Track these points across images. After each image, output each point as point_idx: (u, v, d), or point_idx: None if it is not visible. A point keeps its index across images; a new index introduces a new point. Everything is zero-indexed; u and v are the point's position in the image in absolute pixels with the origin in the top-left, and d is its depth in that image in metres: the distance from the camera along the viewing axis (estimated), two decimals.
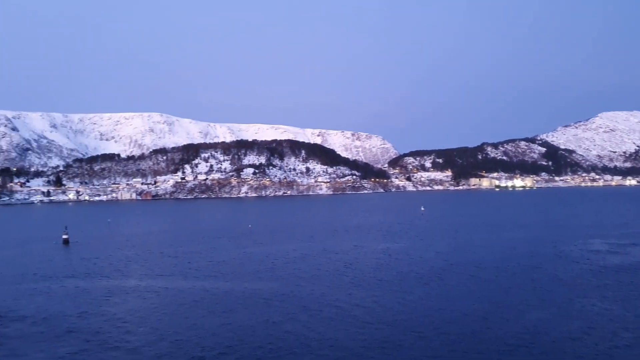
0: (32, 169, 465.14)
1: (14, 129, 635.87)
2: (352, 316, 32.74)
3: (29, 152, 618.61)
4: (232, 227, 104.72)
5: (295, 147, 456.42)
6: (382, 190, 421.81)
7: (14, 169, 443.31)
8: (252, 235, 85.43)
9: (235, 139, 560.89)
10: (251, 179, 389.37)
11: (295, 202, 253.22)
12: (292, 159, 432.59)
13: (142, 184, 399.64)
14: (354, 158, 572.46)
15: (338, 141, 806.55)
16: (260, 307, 35.35)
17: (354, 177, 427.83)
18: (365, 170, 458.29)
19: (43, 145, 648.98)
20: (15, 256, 64.99)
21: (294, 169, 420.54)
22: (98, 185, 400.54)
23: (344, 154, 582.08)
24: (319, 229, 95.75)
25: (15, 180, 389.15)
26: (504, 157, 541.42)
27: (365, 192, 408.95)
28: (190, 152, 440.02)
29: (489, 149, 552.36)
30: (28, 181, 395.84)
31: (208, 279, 45.79)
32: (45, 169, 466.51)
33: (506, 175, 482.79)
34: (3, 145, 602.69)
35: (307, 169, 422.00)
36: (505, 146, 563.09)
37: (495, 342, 27.29)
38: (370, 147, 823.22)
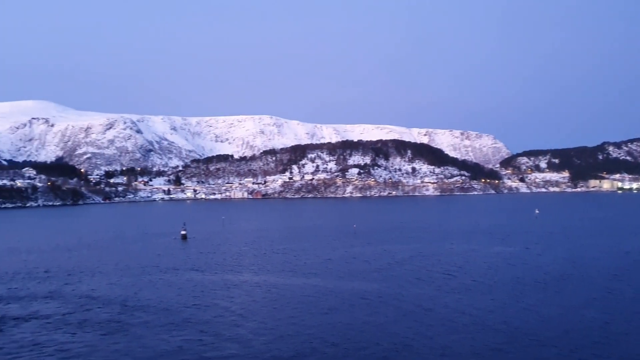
0: (155, 169, 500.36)
1: (139, 131, 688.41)
2: (462, 321, 31.42)
3: (152, 153, 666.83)
4: (337, 227, 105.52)
5: (400, 147, 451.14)
6: (493, 192, 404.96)
7: (139, 169, 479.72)
8: (357, 235, 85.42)
9: (340, 140, 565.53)
10: (356, 179, 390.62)
11: (401, 203, 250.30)
12: (398, 159, 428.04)
13: (253, 183, 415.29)
14: (462, 158, 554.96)
15: (446, 140, 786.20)
16: (366, 307, 35.03)
17: (463, 177, 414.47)
18: (474, 170, 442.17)
19: (164, 146, 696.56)
20: (139, 250, 69.91)
21: (400, 169, 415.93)
22: (213, 184, 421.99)
23: (452, 154, 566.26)
24: (426, 230, 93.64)
25: (140, 179, 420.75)
26: (628, 158, 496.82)
27: (475, 193, 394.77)
28: (297, 153, 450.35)
29: (610, 148, 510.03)
30: (151, 180, 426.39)
31: (315, 277, 46.27)
32: (166, 169, 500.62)
33: (630, 176, 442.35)
34: (129, 146, 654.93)
35: (413, 169, 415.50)
36: (630, 145, 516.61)
37: (617, 356, 24.87)
38: (481, 146, 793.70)
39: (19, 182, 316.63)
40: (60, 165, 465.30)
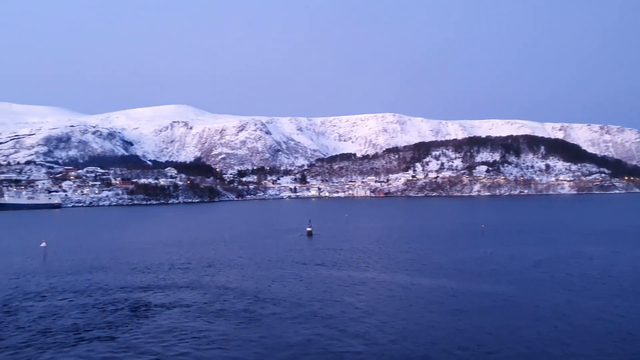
0: (282, 168, 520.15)
1: (268, 132, 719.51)
2: (603, 328, 29.06)
3: (280, 152, 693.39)
4: (464, 226, 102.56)
5: (532, 142, 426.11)
6: (637, 190, 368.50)
7: (268, 168, 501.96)
8: (486, 235, 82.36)
9: (467, 136, 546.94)
10: (484, 177, 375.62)
11: (533, 202, 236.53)
12: (530, 155, 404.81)
13: (376, 181, 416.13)
14: (602, 154, 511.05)
15: (583, 135, 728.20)
16: (497, 310, 33.70)
17: (603, 175, 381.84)
18: (616, 167, 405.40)
19: (291, 146, 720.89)
20: (270, 245, 73.38)
21: (532, 167, 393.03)
22: (336, 182, 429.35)
23: (590, 150, 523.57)
24: (563, 231, 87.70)
25: (269, 178, 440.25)
26: None
27: (617, 192, 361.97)
28: (421, 151, 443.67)
29: None
30: (279, 179, 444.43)
31: (442, 277, 45.48)
32: (292, 168, 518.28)
33: None
34: (259, 147, 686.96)
35: (547, 167, 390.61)
36: None
37: None
38: (623, 141, 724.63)
39: (162, 181, 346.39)
40: (198, 165, 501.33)
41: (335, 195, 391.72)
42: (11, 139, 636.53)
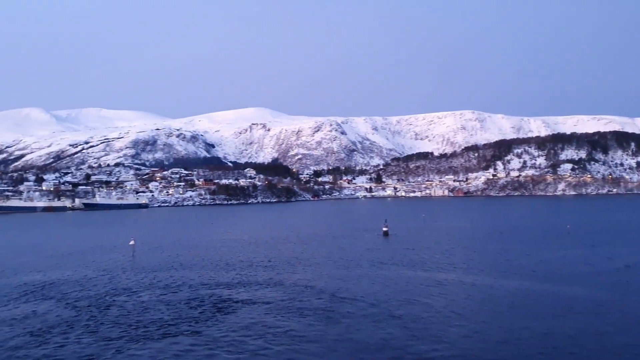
0: (357, 168, 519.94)
1: (343, 132, 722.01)
2: None
3: (355, 152, 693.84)
4: (548, 226, 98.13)
5: (622, 139, 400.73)
6: None
7: (343, 168, 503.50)
8: (572, 236, 78.35)
9: (550, 133, 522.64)
10: (569, 176, 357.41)
11: (623, 201, 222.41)
12: (619, 152, 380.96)
13: (454, 181, 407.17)
14: None
15: None
16: (587, 314, 31.96)
17: None
18: None
19: (366, 146, 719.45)
20: (346, 244, 73.67)
21: (621, 164, 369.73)
22: (413, 182, 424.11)
23: None
24: None
25: (344, 178, 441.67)
26: None
27: None
28: (502, 149, 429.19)
29: None
30: (354, 178, 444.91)
31: (526, 279, 43.70)
32: (367, 168, 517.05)
33: None
34: (334, 147, 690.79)
35: (638, 164, 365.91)
36: None
37: None
38: None
39: (241, 182, 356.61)
40: (275, 166, 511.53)
41: (412, 195, 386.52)
42: (102, 142, 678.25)
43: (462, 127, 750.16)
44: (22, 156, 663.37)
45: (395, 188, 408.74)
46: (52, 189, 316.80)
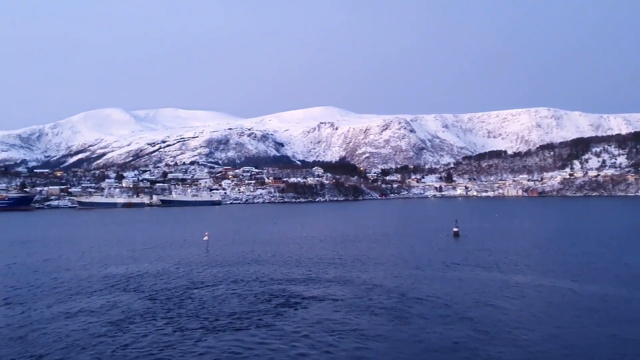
0: (427, 166, 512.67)
1: (412, 130, 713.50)
2: None
3: (424, 151, 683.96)
4: (630, 229, 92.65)
5: None
6: None
7: (412, 167, 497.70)
8: None
9: (632, 131, 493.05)
10: None
11: None
12: None
13: (528, 180, 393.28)
14: None
15: None
16: None
17: None
18: None
19: (436, 144, 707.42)
20: (415, 244, 72.81)
21: None
22: (485, 181, 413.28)
23: None
24: None
25: (412, 177, 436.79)
26: None
27: None
28: (579, 147, 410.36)
29: None
30: (423, 177, 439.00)
31: (608, 284, 41.42)
32: (437, 166, 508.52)
33: None
34: (403, 145, 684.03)
35: None
36: None
37: None
38: None
39: (309, 180, 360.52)
40: (343, 164, 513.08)
41: (484, 194, 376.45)
42: (178, 142, 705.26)
43: (537, 124, 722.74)
44: (103, 154, 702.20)
45: (466, 187, 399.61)
46: (131, 186, 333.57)
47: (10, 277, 48.74)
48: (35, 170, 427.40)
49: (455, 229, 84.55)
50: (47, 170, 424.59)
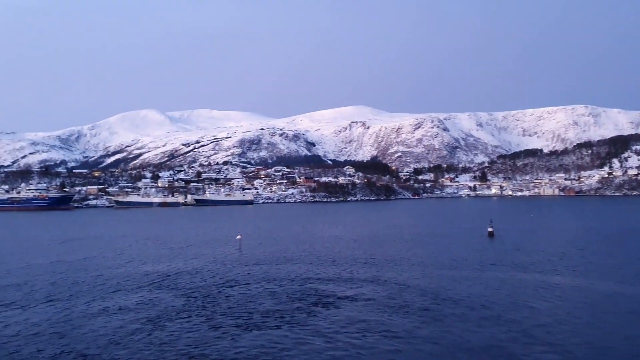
0: (460, 166, 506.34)
1: (445, 129, 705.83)
2: None
3: (458, 149, 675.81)
4: None
5: None
6: None
7: (445, 166, 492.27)
8: None
9: None
10: None
11: None
12: None
13: (565, 179, 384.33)
14: None
15: None
16: None
17: None
18: None
19: (470, 143, 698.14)
20: (448, 244, 72.04)
21: None
22: (520, 180, 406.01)
23: None
24: None
25: (446, 176, 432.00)
26: None
27: None
28: (618, 145, 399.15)
29: None
30: (457, 176, 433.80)
31: None
32: (471, 165, 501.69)
33: None
34: (435, 144, 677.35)
35: None
36: None
37: None
38: None
39: (341, 179, 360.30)
40: (374, 164, 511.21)
41: (519, 194, 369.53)
42: (211, 142, 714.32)
43: (573, 122, 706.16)
44: (140, 155, 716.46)
45: (501, 187, 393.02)
46: (166, 186, 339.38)
47: (53, 275, 50.26)
48: (74, 171, 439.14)
49: (489, 229, 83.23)
50: (85, 171, 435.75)
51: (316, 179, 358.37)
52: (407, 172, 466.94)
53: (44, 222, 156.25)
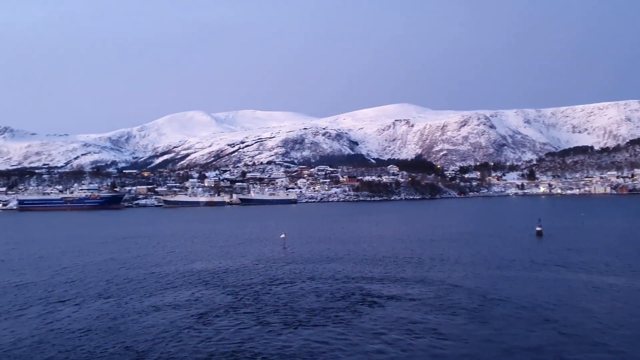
0: (507, 163, 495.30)
1: (492, 126, 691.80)
2: None
3: (504, 147, 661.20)
4: None
5: None
6: None
7: (491, 164, 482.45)
8: None
9: None
10: None
11: None
12: None
13: (617, 177, 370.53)
14: None
15: None
16: None
17: None
18: None
19: (517, 140, 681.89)
20: (495, 244, 70.68)
21: None
22: (570, 178, 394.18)
23: None
24: None
25: (493, 174, 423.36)
26: None
27: None
28: None
29: None
30: (504, 175, 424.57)
31: None
32: (519, 163, 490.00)
33: None
34: (482, 142, 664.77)
35: None
36: None
37: None
38: None
39: (384, 178, 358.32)
40: (419, 162, 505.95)
41: (569, 192, 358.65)
42: (256, 142, 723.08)
43: (626, 118, 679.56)
44: (187, 155, 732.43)
45: (549, 185, 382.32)
46: (212, 185, 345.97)
47: (105, 272, 52.12)
48: (124, 171, 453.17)
49: (538, 228, 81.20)
50: (135, 171, 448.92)
51: (359, 178, 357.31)
52: (452, 170, 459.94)
53: (95, 221, 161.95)
